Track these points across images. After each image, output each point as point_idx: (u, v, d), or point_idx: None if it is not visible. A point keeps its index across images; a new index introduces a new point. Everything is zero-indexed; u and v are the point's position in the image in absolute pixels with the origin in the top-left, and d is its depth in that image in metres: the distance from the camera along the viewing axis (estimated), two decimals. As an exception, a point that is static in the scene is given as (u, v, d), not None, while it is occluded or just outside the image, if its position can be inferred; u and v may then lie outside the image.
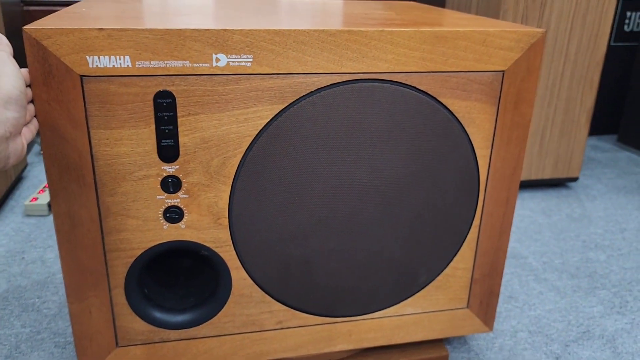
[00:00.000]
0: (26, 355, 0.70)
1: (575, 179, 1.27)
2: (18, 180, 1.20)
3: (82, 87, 0.49)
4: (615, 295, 0.88)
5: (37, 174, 1.25)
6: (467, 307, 0.69)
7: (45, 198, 1.08)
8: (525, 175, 1.24)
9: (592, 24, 1.14)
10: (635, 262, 0.97)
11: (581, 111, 1.21)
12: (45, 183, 1.16)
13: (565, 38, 1.14)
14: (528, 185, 1.28)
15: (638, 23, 1.57)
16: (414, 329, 0.68)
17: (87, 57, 0.48)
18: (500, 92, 0.59)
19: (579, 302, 0.86)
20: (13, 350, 0.71)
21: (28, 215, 1.06)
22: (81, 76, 0.48)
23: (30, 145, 1.37)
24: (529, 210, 1.17)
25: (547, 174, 1.25)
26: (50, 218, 1.06)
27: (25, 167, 1.22)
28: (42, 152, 0.47)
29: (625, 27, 1.57)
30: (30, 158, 1.34)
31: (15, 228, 1.02)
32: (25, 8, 1.46)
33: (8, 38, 1.15)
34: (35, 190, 1.16)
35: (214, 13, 0.61)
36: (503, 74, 0.58)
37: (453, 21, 0.62)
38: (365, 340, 0.67)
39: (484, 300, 0.69)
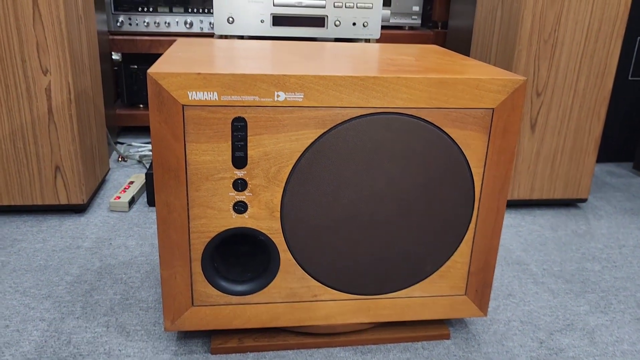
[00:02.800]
0: (118, 314, 0.91)
1: (584, 200, 1.41)
2: (102, 182, 1.44)
3: (183, 113, 0.69)
4: (602, 298, 1.02)
5: (117, 177, 1.49)
6: (465, 294, 0.86)
7: (126, 197, 1.30)
8: (537, 195, 1.39)
9: (599, 64, 1.29)
10: (627, 273, 1.11)
11: (589, 140, 1.36)
12: (126, 184, 1.39)
13: (574, 75, 1.29)
14: (540, 204, 1.43)
15: (654, 60, 1.70)
16: (421, 310, 0.85)
17: (188, 92, 0.68)
18: (491, 124, 0.76)
19: (568, 302, 1.01)
20: (109, 310, 0.92)
21: (112, 211, 1.29)
22: (183, 105, 0.69)
23: (109, 153, 1.61)
24: (539, 225, 1.32)
25: (558, 195, 1.40)
26: (130, 213, 1.28)
27: (108, 171, 1.46)
28: (152, 157, 0.66)
29: (643, 63, 1.71)
30: (111, 164, 1.58)
31: (102, 220, 1.24)
32: (111, 37, 1.72)
33: (99, 60, 1.40)
34: (118, 190, 1.39)
35: (274, 58, 0.81)
36: (493, 111, 0.76)
37: (457, 67, 0.80)
38: (381, 315, 0.85)
39: (479, 290, 0.86)
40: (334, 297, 0.82)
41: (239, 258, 0.84)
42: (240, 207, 0.75)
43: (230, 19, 1.22)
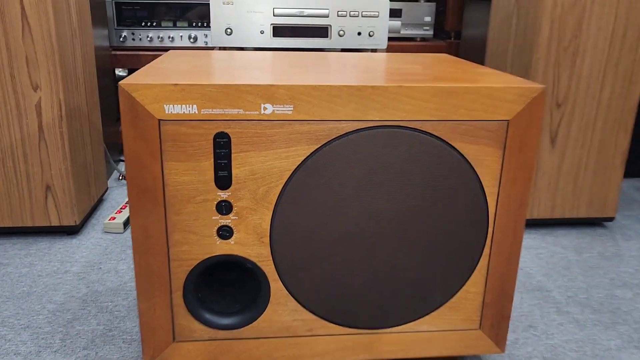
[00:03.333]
0: (99, 347, 0.84)
1: (611, 219, 1.31)
2: (100, 201, 1.38)
3: (160, 128, 0.63)
4: (635, 331, 0.92)
5: (115, 197, 1.43)
6: (480, 328, 0.77)
7: (121, 217, 1.24)
8: (559, 214, 1.29)
9: (625, 72, 1.20)
10: (661, 301, 1.01)
11: (616, 154, 1.26)
12: (122, 204, 1.33)
13: (598, 84, 1.20)
14: (563, 223, 1.33)
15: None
16: (429, 346, 0.76)
17: (165, 105, 0.62)
18: (506, 138, 0.68)
19: (597, 335, 0.91)
20: (89, 343, 0.85)
21: (106, 232, 1.23)
22: (159, 120, 0.62)
23: (109, 172, 1.56)
24: (561, 247, 1.22)
25: (581, 213, 1.30)
26: (125, 235, 1.22)
27: (106, 190, 1.40)
28: (125, 177, 0.60)
29: (671, 72, 1.60)
30: (111, 183, 1.53)
31: (94, 242, 1.18)
32: (113, 52, 1.67)
33: (98, 77, 1.35)
34: (114, 211, 1.33)
35: (265, 68, 0.74)
36: (508, 123, 0.67)
37: (468, 76, 0.72)
38: (385, 352, 0.76)
39: (495, 323, 0.77)
40: (331, 331, 0.74)
41: (228, 287, 0.76)
42: (225, 232, 0.67)
43: (229, 30, 1.16)
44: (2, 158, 1.12)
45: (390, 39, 1.87)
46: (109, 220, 1.23)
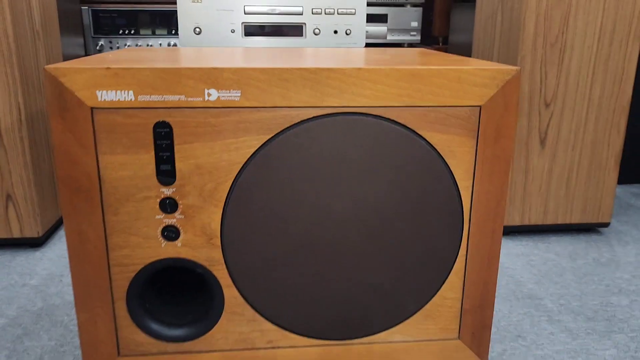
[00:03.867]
0: (47, 365, 0.77)
1: (606, 225, 1.24)
2: (68, 213, 1.32)
3: (92, 118, 0.57)
4: (632, 339, 0.85)
5: (85, 208, 1.37)
6: (459, 337, 0.70)
7: (87, 228, 1.17)
8: (551, 220, 1.22)
9: (616, 69, 1.14)
10: (661, 309, 0.93)
11: (609, 155, 1.19)
12: (89, 216, 1.27)
13: (587, 83, 1.14)
14: (556, 229, 1.26)
15: (678, 69, 1.54)
16: (404, 357, 0.69)
17: (97, 91, 0.56)
18: (479, 126, 0.62)
19: (591, 344, 0.83)
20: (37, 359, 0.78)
21: (71, 244, 1.16)
22: (92, 108, 0.56)
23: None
24: (554, 253, 1.15)
25: (575, 219, 1.23)
26: (90, 247, 1.15)
27: (75, 202, 1.34)
28: (56, 175, 0.54)
29: (666, 73, 1.55)
30: (82, 194, 1.47)
31: (59, 255, 1.11)
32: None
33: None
34: (80, 222, 1.26)
35: (216, 56, 0.69)
36: (480, 109, 0.61)
37: (437, 61, 0.66)
38: (355, 365, 0.69)
39: (476, 332, 0.70)
40: (294, 343, 0.67)
41: (178, 296, 0.69)
42: (170, 233, 0.61)
43: (197, 29, 1.11)
44: (-41, 166, 1.06)
45: (376, 44, 1.82)
46: (76, 231, 1.16)
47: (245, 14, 1.10)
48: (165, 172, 0.59)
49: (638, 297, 0.97)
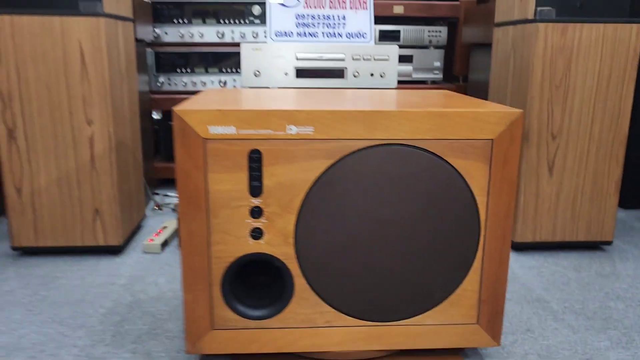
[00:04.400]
0: (146, 342, 0.96)
1: (609, 243, 1.40)
2: (138, 227, 1.53)
3: (205, 146, 0.77)
4: (624, 335, 1.01)
5: (152, 224, 1.58)
6: (477, 323, 0.87)
7: (159, 239, 1.38)
8: (559, 237, 1.39)
9: (613, 108, 1.33)
10: (652, 312, 1.10)
11: (609, 182, 1.37)
12: (158, 229, 1.47)
13: (588, 119, 1.33)
14: (563, 246, 1.43)
15: (676, 106, 1.72)
16: (433, 338, 0.87)
17: (209, 127, 0.76)
18: (491, 154, 0.81)
19: (589, 337, 1.00)
20: (137, 339, 0.97)
21: (145, 253, 1.36)
22: (204, 139, 0.77)
23: (147, 202, 1.71)
24: (562, 267, 1.32)
25: (581, 237, 1.40)
26: (163, 255, 1.35)
27: (143, 217, 1.55)
28: (176, 187, 0.73)
29: (665, 109, 1.72)
30: (147, 212, 1.68)
31: (136, 261, 1.32)
32: (152, 96, 1.86)
33: (140, 117, 1.52)
34: (151, 234, 1.47)
35: (289, 99, 0.89)
36: (492, 142, 0.80)
37: (459, 104, 0.86)
38: (394, 343, 0.87)
39: (491, 318, 0.87)
40: (347, 323, 0.85)
41: (256, 286, 0.88)
42: (256, 234, 0.81)
43: (257, 73, 1.32)
44: (59, 185, 1.28)
45: (402, 82, 2.04)
46: (148, 242, 1.37)
47: (297, 59, 1.32)
48: (255, 187, 0.79)
49: (633, 303, 1.14)
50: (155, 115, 2.07)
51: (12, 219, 1.29)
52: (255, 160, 0.78)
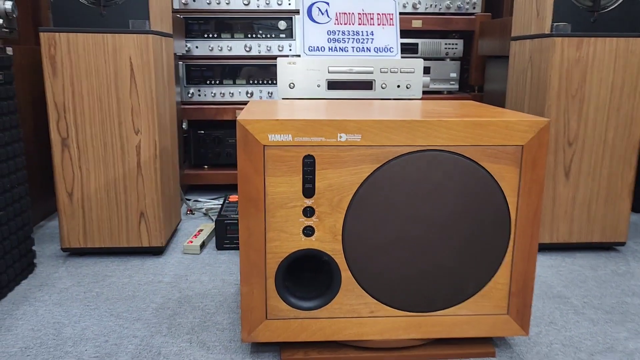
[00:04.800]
0: (199, 333, 1.04)
1: (622, 244, 1.48)
2: (175, 230, 1.61)
3: (264, 152, 0.86)
4: (641, 327, 1.09)
5: (187, 227, 1.67)
6: (508, 313, 0.95)
7: (198, 241, 1.46)
8: (576, 239, 1.47)
9: (625, 116, 1.41)
10: (666, 307, 1.17)
11: (623, 186, 1.45)
12: (196, 231, 1.56)
13: (603, 127, 1.41)
14: (580, 247, 1.51)
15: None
16: (466, 327, 0.95)
17: (269, 135, 0.85)
18: (521, 159, 0.89)
19: (609, 329, 1.08)
20: (190, 330, 1.05)
21: (185, 254, 1.45)
22: (264, 145, 0.86)
23: (181, 207, 1.80)
24: (579, 266, 1.40)
25: (596, 238, 1.47)
26: (202, 255, 1.44)
27: (179, 222, 1.64)
28: (238, 189, 0.81)
29: (674, 117, 1.80)
30: (182, 216, 1.77)
31: (178, 260, 1.40)
32: (182, 106, 1.96)
33: (172, 127, 1.61)
34: (190, 237, 1.56)
35: (334, 109, 0.98)
36: (522, 148, 0.89)
37: (490, 113, 0.94)
38: (431, 332, 0.95)
39: (520, 310, 0.95)
40: (388, 313, 0.94)
41: (305, 280, 0.97)
42: (308, 231, 0.89)
43: (292, 85, 1.42)
44: (106, 190, 1.36)
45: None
46: (188, 243, 1.45)
47: (329, 72, 1.41)
48: (308, 189, 0.87)
49: (648, 298, 1.21)
50: (184, 125, 2.17)
51: (62, 221, 1.37)
52: (308, 165, 0.87)
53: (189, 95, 1.98)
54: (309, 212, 0.88)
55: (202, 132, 2.02)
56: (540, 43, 1.42)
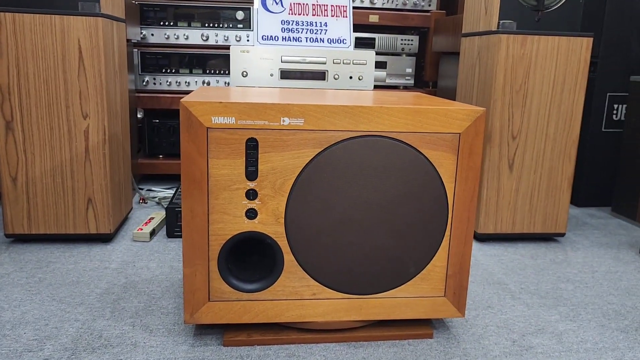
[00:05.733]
0: (143, 317, 1.04)
1: (562, 234, 1.55)
2: (126, 218, 1.60)
3: (207, 134, 0.86)
4: (572, 310, 1.14)
5: (138, 215, 1.65)
6: (444, 295, 0.99)
7: (148, 228, 1.45)
8: (518, 229, 1.53)
9: (566, 111, 1.47)
10: (597, 292, 1.23)
11: (563, 179, 1.51)
12: (147, 219, 1.55)
13: (545, 121, 1.47)
14: (521, 238, 1.56)
15: (623, 113, 1.89)
16: (406, 309, 0.98)
17: (212, 117, 0.86)
18: (459, 146, 0.93)
19: (541, 312, 1.13)
20: (134, 314, 1.05)
21: (135, 241, 1.44)
22: (207, 128, 0.86)
23: (133, 196, 1.78)
24: (520, 255, 1.45)
25: (537, 229, 1.53)
26: (151, 243, 1.43)
27: (130, 210, 1.62)
28: (180, 170, 0.81)
29: (614, 116, 1.89)
30: (133, 205, 1.75)
31: (126, 248, 1.39)
32: (137, 94, 1.93)
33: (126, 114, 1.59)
34: (140, 224, 1.55)
35: (280, 95, 0.99)
36: (460, 135, 0.92)
37: (431, 102, 0.97)
38: (371, 314, 0.97)
39: (457, 292, 0.99)
40: (330, 295, 0.96)
41: (250, 263, 0.98)
42: (251, 214, 0.90)
43: (245, 73, 1.42)
44: (52, 175, 1.34)
45: (377, 86, 2.16)
46: (137, 230, 1.44)
47: (282, 62, 1.42)
48: (251, 171, 0.89)
49: (581, 285, 1.27)
50: (139, 114, 2.14)
51: (6, 207, 1.34)
52: (251, 148, 0.88)
53: (144, 83, 1.96)
54: (251, 194, 0.90)
55: (157, 121, 2.00)
56: (488, 40, 1.47)
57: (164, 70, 1.96)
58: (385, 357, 0.94)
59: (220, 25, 1.97)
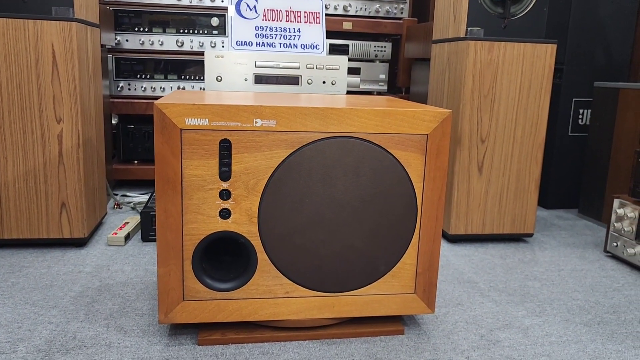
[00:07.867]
0: (117, 318, 1.04)
1: (530, 235, 1.59)
2: (100, 223, 1.59)
3: (181, 135, 0.88)
4: (538, 306, 1.18)
5: (113, 220, 1.65)
6: (415, 292, 1.01)
7: (122, 233, 1.45)
8: (488, 230, 1.57)
9: (532, 116, 1.52)
10: (563, 289, 1.28)
11: (530, 181, 1.56)
12: (122, 224, 1.55)
13: (512, 125, 1.52)
14: (491, 238, 1.61)
15: (588, 118, 1.96)
16: (377, 306, 1.00)
17: (185, 118, 0.87)
18: (426, 147, 0.96)
19: (509, 309, 1.16)
20: (108, 316, 1.05)
21: (109, 245, 1.44)
22: (181, 129, 0.88)
23: (108, 201, 1.77)
24: (489, 255, 1.49)
25: (506, 230, 1.58)
26: (126, 247, 1.43)
27: (105, 215, 1.62)
28: (155, 171, 0.83)
29: (579, 121, 1.96)
30: (108, 210, 1.74)
31: (101, 252, 1.39)
32: (111, 100, 1.93)
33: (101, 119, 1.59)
34: (115, 229, 1.54)
35: (254, 98, 1.02)
36: (427, 136, 0.96)
37: (400, 105, 1.00)
38: (344, 311, 0.99)
39: (427, 289, 1.02)
40: (303, 294, 0.98)
41: (224, 262, 0.99)
42: (225, 214, 0.92)
43: (219, 78, 1.44)
44: (25, 179, 1.34)
45: (351, 92, 2.19)
46: (112, 235, 1.44)
47: (255, 67, 1.44)
48: (225, 172, 0.90)
49: (547, 283, 1.31)
50: (114, 120, 2.13)
51: (-22, 211, 1.33)
52: (225, 149, 0.90)
53: (119, 89, 1.96)
54: (225, 194, 0.91)
55: (132, 126, 2.00)
56: (457, 46, 1.52)
57: (138, 76, 1.97)
58: (357, 353, 0.96)
59: (196, 32, 1.99)
